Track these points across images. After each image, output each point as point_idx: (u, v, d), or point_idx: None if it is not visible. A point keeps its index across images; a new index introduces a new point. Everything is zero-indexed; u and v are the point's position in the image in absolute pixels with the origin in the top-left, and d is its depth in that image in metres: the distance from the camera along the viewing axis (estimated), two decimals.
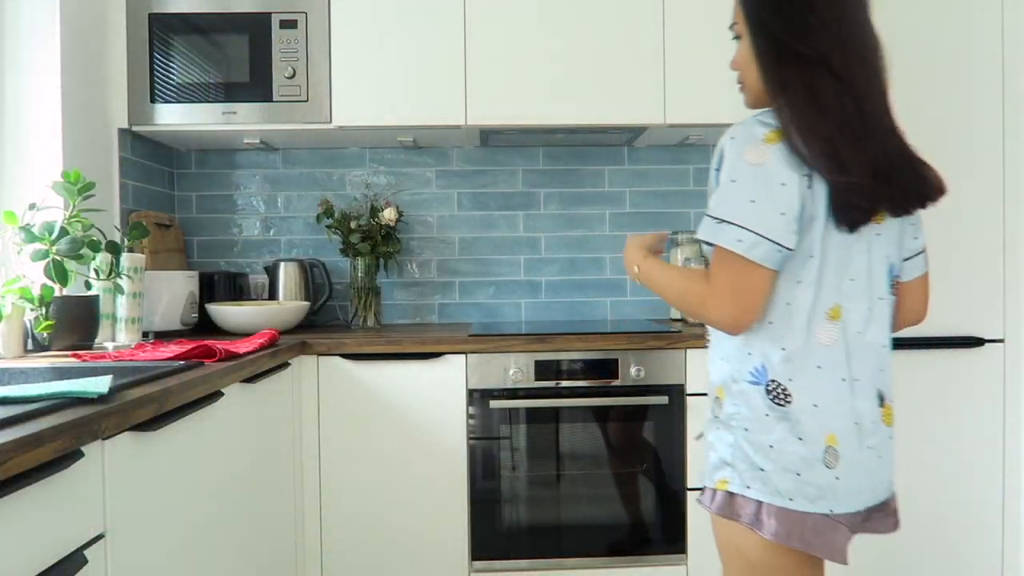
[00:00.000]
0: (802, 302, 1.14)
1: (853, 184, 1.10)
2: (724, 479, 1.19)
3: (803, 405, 1.14)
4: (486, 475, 2.16)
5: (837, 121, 1.12)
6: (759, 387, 1.17)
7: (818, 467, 1.14)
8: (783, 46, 1.15)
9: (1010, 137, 2.18)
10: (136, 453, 1.18)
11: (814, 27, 1.13)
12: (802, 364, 1.15)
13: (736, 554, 1.20)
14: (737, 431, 1.18)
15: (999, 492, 2.19)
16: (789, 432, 1.15)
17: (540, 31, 2.33)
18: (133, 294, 1.96)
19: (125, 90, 2.28)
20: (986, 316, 2.19)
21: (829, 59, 1.13)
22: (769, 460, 1.15)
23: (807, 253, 1.14)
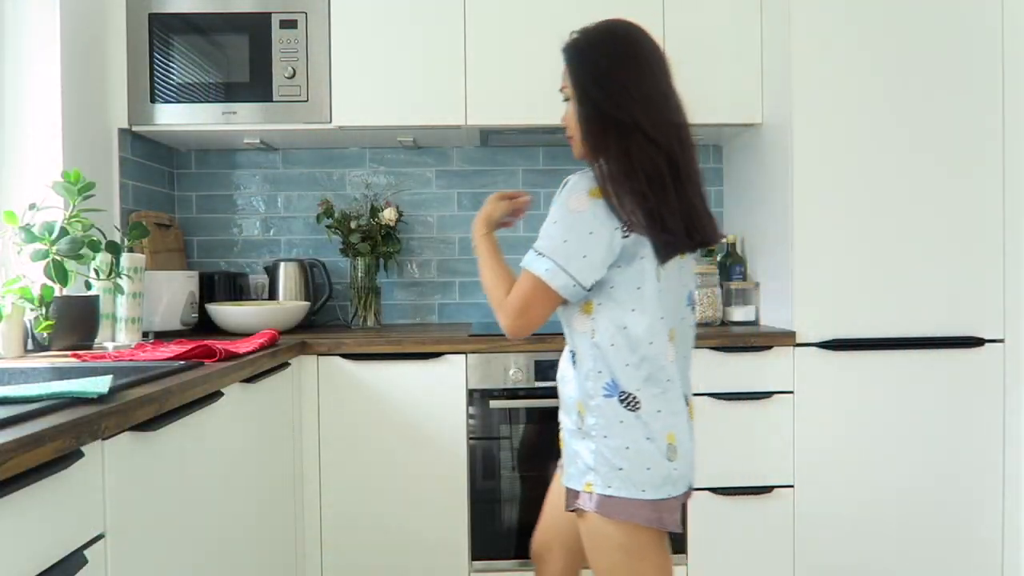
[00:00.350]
0: (638, 325, 1.33)
1: (668, 238, 1.31)
2: (589, 483, 1.35)
3: (650, 411, 1.34)
4: (486, 475, 2.16)
5: (651, 180, 1.31)
6: (612, 399, 1.34)
7: (663, 461, 1.34)
8: (603, 114, 1.36)
9: (1010, 137, 2.18)
10: (136, 453, 1.18)
11: (629, 97, 1.35)
12: (648, 376, 1.34)
13: (607, 541, 1.35)
14: (598, 439, 1.35)
15: (999, 492, 2.19)
16: (640, 434, 1.33)
17: (540, 31, 2.33)
18: (133, 294, 1.96)
19: (125, 90, 2.28)
20: (986, 316, 2.19)
21: (642, 125, 1.33)
22: (626, 460, 1.33)
23: (634, 285, 1.33)
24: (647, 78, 1.38)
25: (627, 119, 1.34)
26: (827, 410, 2.16)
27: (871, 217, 2.17)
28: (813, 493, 2.16)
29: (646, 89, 1.37)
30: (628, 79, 1.37)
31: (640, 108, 1.35)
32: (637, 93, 1.36)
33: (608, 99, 1.36)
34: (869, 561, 2.18)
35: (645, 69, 1.39)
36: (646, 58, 1.40)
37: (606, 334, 1.34)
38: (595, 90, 1.39)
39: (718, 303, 2.42)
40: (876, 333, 2.17)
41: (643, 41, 1.42)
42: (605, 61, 1.40)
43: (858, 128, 2.17)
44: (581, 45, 1.45)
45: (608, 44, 1.42)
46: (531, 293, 1.36)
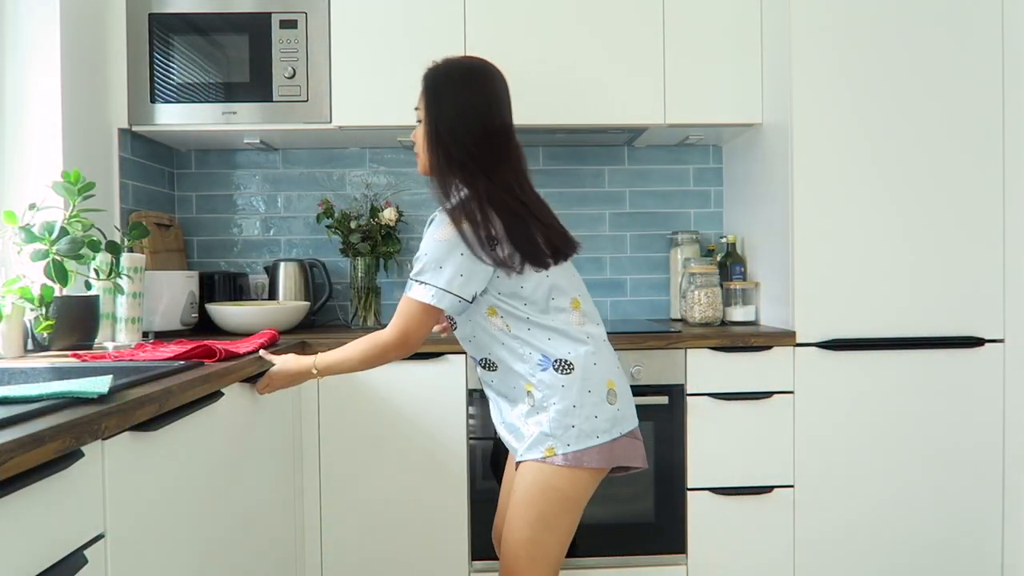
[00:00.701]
0: (532, 310, 1.53)
1: (537, 255, 1.53)
2: (550, 447, 1.50)
3: (586, 365, 1.52)
4: (486, 475, 2.16)
5: (505, 211, 1.51)
6: (548, 370, 1.52)
7: (605, 406, 1.53)
8: (452, 158, 1.55)
9: (1010, 136, 2.18)
10: (136, 453, 1.18)
11: (476, 142, 1.55)
12: (568, 341, 1.53)
13: (555, 493, 1.51)
14: (550, 409, 1.51)
15: (999, 492, 2.19)
16: (582, 388, 1.51)
17: (540, 31, 2.33)
18: (133, 294, 1.96)
19: (125, 90, 2.28)
20: (986, 316, 2.19)
21: (488, 169, 1.54)
22: (576, 416, 1.50)
23: (517, 285, 1.52)
24: (497, 130, 1.58)
25: (472, 165, 1.54)
26: (827, 410, 2.16)
27: (871, 217, 2.17)
28: (813, 493, 2.16)
29: (492, 130, 1.57)
30: (477, 125, 1.56)
31: (486, 152, 1.55)
32: (484, 136, 1.55)
33: (456, 143, 1.55)
34: (869, 561, 2.18)
35: (493, 102, 1.59)
36: (496, 94, 1.61)
37: (517, 324, 1.53)
38: (447, 134, 1.56)
39: (718, 303, 2.42)
40: (876, 333, 2.17)
41: (496, 77, 1.63)
42: (460, 94, 1.58)
43: (858, 128, 2.17)
44: (440, 75, 1.61)
45: (464, 77, 1.60)
46: (415, 318, 1.53)
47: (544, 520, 1.51)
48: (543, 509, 1.51)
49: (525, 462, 1.54)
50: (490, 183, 1.52)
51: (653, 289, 2.77)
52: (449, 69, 1.61)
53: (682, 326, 2.38)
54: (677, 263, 2.66)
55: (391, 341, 1.55)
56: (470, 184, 1.53)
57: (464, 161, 1.54)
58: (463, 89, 1.57)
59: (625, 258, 2.77)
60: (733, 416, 2.14)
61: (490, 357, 1.59)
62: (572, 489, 1.52)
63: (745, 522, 2.16)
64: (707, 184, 2.78)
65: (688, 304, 2.45)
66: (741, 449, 2.15)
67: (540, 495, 1.51)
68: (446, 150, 1.56)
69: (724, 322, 2.46)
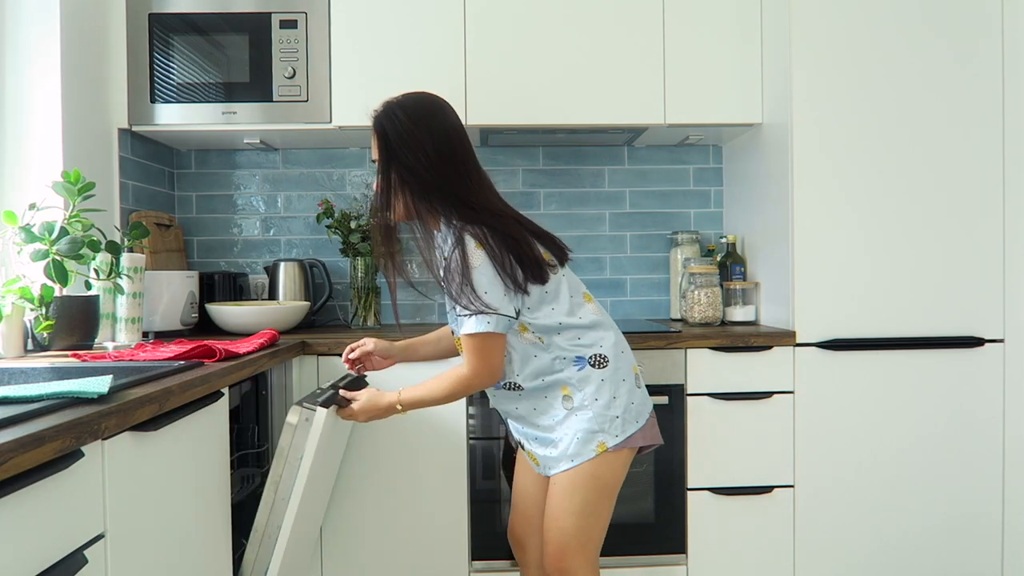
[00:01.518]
0: (560, 312, 1.57)
1: (542, 266, 1.56)
2: (601, 442, 1.56)
3: (616, 355, 1.59)
4: (486, 475, 2.16)
5: (500, 230, 1.53)
6: (585, 368, 1.57)
7: (637, 391, 1.62)
8: (426, 193, 1.56)
9: (1010, 136, 2.18)
10: (136, 453, 1.18)
11: (443, 172, 1.56)
12: (597, 332, 1.59)
13: (598, 481, 1.57)
14: (592, 405, 1.56)
15: (999, 492, 2.19)
16: (617, 379, 1.58)
17: (540, 31, 2.33)
18: (133, 294, 1.96)
19: (125, 90, 2.28)
20: (986, 316, 2.19)
21: (466, 196, 1.56)
22: (618, 407, 1.57)
23: (541, 291, 1.56)
24: (454, 138, 1.59)
25: (438, 182, 1.55)
26: (827, 410, 2.16)
27: (871, 217, 2.17)
28: (813, 493, 2.16)
29: (450, 150, 1.57)
30: (434, 143, 1.56)
31: (446, 168, 1.56)
32: (439, 156, 1.56)
33: (417, 166, 1.55)
34: (869, 561, 2.18)
35: (448, 130, 1.59)
36: (449, 121, 1.61)
37: (548, 333, 1.56)
38: (405, 157, 1.55)
39: (718, 303, 2.42)
40: (876, 333, 2.17)
41: (443, 106, 1.63)
42: (415, 131, 1.56)
43: (858, 128, 2.17)
44: (389, 117, 1.59)
45: (414, 114, 1.58)
46: (484, 348, 1.53)
47: (587, 507, 1.57)
48: (585, 497, 1.57)
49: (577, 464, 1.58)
50: (472, 210, 1.53)
51: (653, 289, 2.77)
52: (395, 109, 1.59)
53: (682, 326, 2.38)
54: (677, 263, 2.66)
55: (472, 376, 1.56)
56: (456, 212, 1.53)
57: (438, 194, 1.54)
58: (415, 125, 1.56)
59: (625, 258, 2.77)
60: (733, 416, 2.14)
61: (517, 379, 1.60)
62: (611, 475, 1.58)
63: (745, 522, 2.16)
64: (707, 184, 2.78)
65: (688, 304, 2.45)
66: (741, 449, 2.15)
67: (581, 485, 1.56)
68: (417, 188, 1.55)
69: (724, 322, 2.46)
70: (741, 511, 2.16)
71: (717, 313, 2.42)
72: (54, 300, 1.79)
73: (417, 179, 1.54)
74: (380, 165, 1.59)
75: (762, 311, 2.43)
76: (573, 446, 1.56)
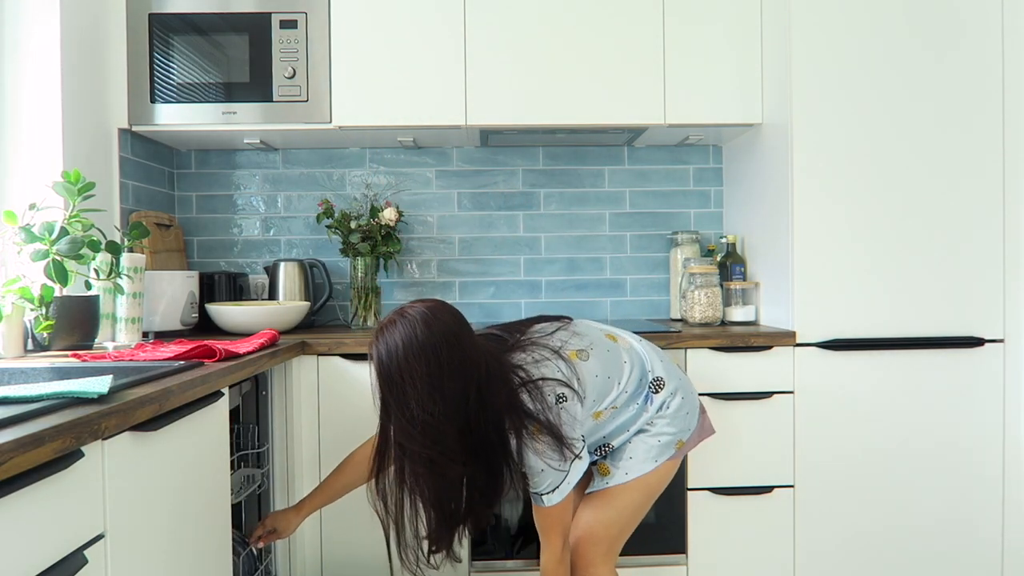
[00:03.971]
0: (610, 372, 1.62)
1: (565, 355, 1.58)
2: (681, 440, 1.66)
3: (665, 368, 1.70)
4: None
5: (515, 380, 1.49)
6: (652, 399, 1.66)
7: (693, 388, 1.74)
8: (454, 442, 1.44)
9: (1010, 136, 2.18)
10: (136, 453, 1.18)
11: (458, 424, 1.44)
12: (640, 362, 1.66)
13: (645, 488, 1.65)
14: (670, 414, 1.66)
15: (999, 492, 2.19)
16: (675, 380, 1.69)
17: (540, 31, 2.33)
18: (133, 294, 1.96)
19: (125, 90, 2.28)
20: (986, 316, 2.19)
21: (484, 400, 1.46)
22: (686, 407, 1.68)
23: (591, 376, 1.58)
24: (468, 372, 1.44)
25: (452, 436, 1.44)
26: (827, 410, 2.16)
27: (871, 217, 2.17)
28: (813, 493, 2.16)
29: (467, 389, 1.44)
30: (450, 402, 1.42)
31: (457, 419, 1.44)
32: (456, 410, 1.42)
33: (431, 425, 1.41)
34: (869, 561, 2.18)
35: (462, 375, 1.43)
36: (462, 337, 1.45)
37: (619, 397, 1.62)
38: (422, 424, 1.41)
39: (718, 303, 2.42)
40: (876, 333, 2.17)
41: (449, 338, 1.44)
42: (425, 396, 1.40)
43: (858, 128, 2.17)
44: (397, 377, 1.41)
45: (426, 373, 1.40)
46: (563, 511, 1.55)
47: (631, 509, 1.65)
48: (633, 499, 1.65)
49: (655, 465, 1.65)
50: (496, 395, 1.44)
51: (653, 289, 2.77)
52: (404, 356, 1.40)
53: (682, 326, 2.38)
54: (677, 263, 2.66)
55: (553, 556, 1.58)
56: (490, 409, 1.44)
57: (467, 429, 1.43)
58: (429, 385, 1.39)
59: (625, 258, 2.77)
60: (733, 416, 2.14)
61: (604, 440, 1.67)
62: (660, 483, 1.67)
63: (745, 522, 2.16)
64: (707, 184, 2.78)
65: (688, 304, 2.45)
66: (741, 449, 2.15)
67: (632, 489, 1.64)
68: (447, 446, 1.42)
69: (724, 322, 2.46)
70: (741, 511, 2.16)
71: (717, 313, 2.42)
72: (54, 300, 1.79)
73: (431, 441, 1.41)
74: (383, 416, 1.47)
75: (762, 311, 2.43)
76: (655, 449, 1.64)
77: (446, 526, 1.49)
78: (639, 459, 1.64)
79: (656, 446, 1.64)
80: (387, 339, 1.41)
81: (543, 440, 1.45)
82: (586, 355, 1.58)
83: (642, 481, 1.64)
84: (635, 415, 1.65)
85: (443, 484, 1.45)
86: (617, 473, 1.65)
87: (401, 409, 1.40)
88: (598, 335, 1.66)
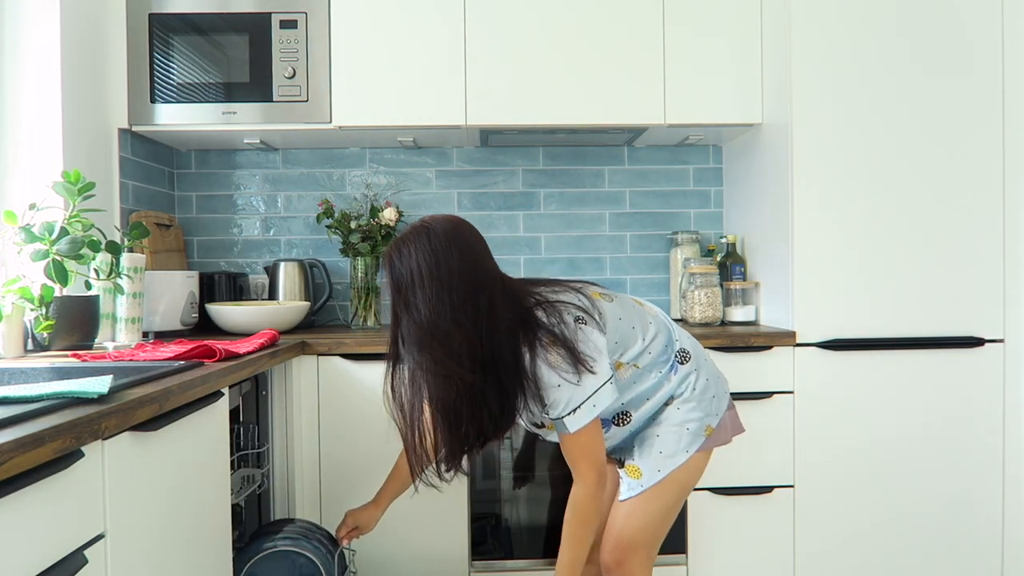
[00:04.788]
0: (640, 331, 1.56)
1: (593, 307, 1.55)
2: (708, 426, 1.59)
3: (692, 343, 1.64)
4: (486, 475, 2.16)
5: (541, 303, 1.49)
6: (677, 368, 1.59)
7: (714, 367, 1.66)
8: (468, 345, 1.41)
9: (1010, 137, 2.18)
10: (136, 453, 1.18)
11: (476, 316, 1.42)
12: (668, 331, 1.62)
13: (677, 486, 1.57)
14: (693, 396, 1.58)
15: (999, 492, 2.19)
16: (701, 363, 1.62)
17: (540, 31, 2.33)
18: (133, 294, 1.96)
19: (125, 90, 2.28)
20: (986, 316, 2.18)
21: (500, 313, 1.44)
22: (713, 387, 1.61)
23: (616, 318, 1.54)
24: (480, 273, 1.45)
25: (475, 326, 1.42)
26: (827, 410, 2.16)
27: (871, 217, 2.17)
28: (813, 493, 2.16)
29: (479, 289, 1.43)
30: (460, 295, 1.41)
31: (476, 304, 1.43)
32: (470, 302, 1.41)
33: (443, 319, 1.40)
34: (869, 561, 2.18)
35: (475, 269, 1.44)
36: (472, 251, 1.45)
37: (642, 355, 1.55)
38: (431, 317, 1.41)
39: (718, 303, 2.42)
40: (876, 333, 2.17)
41: (460, 234, 1.46)
42: (436, 288, 1.41)
43: (858, 128, 2.17)
44: (408, 271, 1.43)
45: (437, 265, 1.42)
46: (594, 437, 1.48)
47: (664, 510, 1.59)
48: (666, 500, 1.58)
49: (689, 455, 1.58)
50: (519, 319, 1.42)
51: (653, 289, 2.77)
52: (413, 258, 1.41)
53: (682, 326, 2.38)
54: (677, 263, 2.66)
55: (587, 491, 1.50)
56: (503, 321, 1.42)
57: (474, 337, 1.39)
58: (437, 284, 1.39)
59: (625, 258, 2.77)
60: None
61: (623, 407, 1.57)
62: (692, 479, 1.59)
63: (745, 522, 2.16)
64: (707, 184, 2.78)
65: (688, 304, 2.45)
66: (741, 449, 2.15)
67: (663, 490, 1.57)
68: (451, 348, 1.39)
69: (724, 322, 2.46)
70: (741, 511, 2.16)
71: (717, 313, 2.42)
72: (54, 300, 1.79)
73: (442, 335, 1.40)
74: (394, 307, 1.47)
75: (762, 311, 2.43)
76: (685, 438, 1.56)
77: (456, 442, 1.46)
78: (669, 451, 1.55)
79: (686, 435, 1.56)
80: (400, 244, 1.44)
81: (556, 352, 1.39)
82: (610, 299, 1.55)
83: (674, 479, 1.55)
84: (657, 383, 1.56)
85: (451, 392, 1.41)
86: (648, 472, 1.56)
87: (410, 311, 1.40)
88: (624, 296, 1.63)
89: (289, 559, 1.72)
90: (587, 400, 1.42)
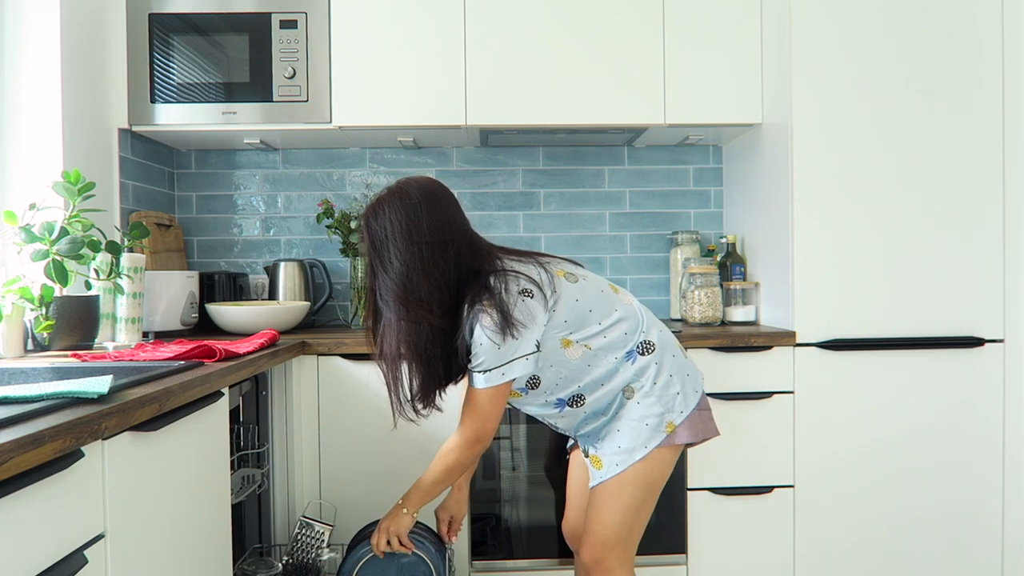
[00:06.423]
0: (598, 314, 1.57)
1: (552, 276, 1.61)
2: (670, 422, 1.57)
3: (660, 337, 1.62)
4: (486, 475, 2.16)
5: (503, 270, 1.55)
6: (636, 359, 1.58)
7: (686, 362, 1.64)
8: (435, 296, 1.53)
9: (1010, 136, 2.18)
10: (136, 453, 1.18)
11: (444, 269, 1.53)
12: (633, 320, 1.60)
13: (644, 480, 1.58)
14: (653, 391, 1.57)
15: (999, 492, 2.19)
16: (668, 355, 1.61)
17: (540, 31, 2.33)
18: (133, 294, 1.96)
19: (125, 90, 2.28)
20: (986, 316, 2.19)
21: (467, 270, 1.54)
22: (677, 383, 1.59)
23: (572, 299, 1.57)
24: (447, 230, 1.55)
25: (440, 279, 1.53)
26: (827, 410, 2.16)
27: (871, 217, 2.17)
28: (813, 493, 2.16)
29: (449, 243, 1.54)
30: (432, 250, 1.53)
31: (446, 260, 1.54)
32: (440, 255, 1.53)
33: (411, 274, 1.53)
34: (869, 561, 2.18)
35: (442, 226, 1.54)
36: (444, 210, 1.55)
37: (595, 338, 1.56)
38: (402, 271, 1.53)
39: (718, 303, 2.42)
40: (876, 333, 2.17)
41: (432, 195, 1.56)
42: (406, 244, 1.53)
43: (858, 128, 2.17)
44: (381, 228, 1.56)
45: (407, 224, 1.53)
46: (490, 405, 1.54)
47: (634, 504, 1.59)
48: (633, 495, 1.59)
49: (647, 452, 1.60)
50: (477, 274, 1.52)
51: (653, 289, 2.77)
52: (387, 216, 1.54)
53: (682, 326, 2.38)
54: (677, 263, 2.66)
55: (467, 442, 1.58)
56: (465, 286, 1.52)
57: (443, 286, 1.51)
58: (408, 239, 1.51)
59: (625, 258, 2.77)
60: (733, 416, 2.14)
61: (578, 390, 1.60)
62: (659, 473, 1.60)
63: (745, 522, 2.16)
64: (707, 184, 2.78)
65: (688, 304, 2.45)
66: (741, 449, 2.15)
67: (630, 482, 1.58)
68: (420, 297, 1.51)
69: (724, 322, 2.46)
70: (741, 511, 2.16)
71: (717, 313, 2.42)
72: (54, 300, 1.79)
73: (413, 290, 1.52)
74: (369, 264, 1.62)
75: (762, 311, 2.43)
76: (644, 433, 1.57)
77: (429, 380, 1.58)
78: (627, 447, 1.58)
79: (644, 430, 1.57)
80: (376, 205, 1.56)
81: (491, 315, 1.47)
82: (574, 279, 1.59)
83: (639, 472, 1.57)
84: (613, 369, 1.58)
85: (423, 336, 1.52)
86: (608, 464, 1.60)
87: (385, 266, 1.54)
88: (598, 279, 1.65)
89: (397, 561, 1.73)
90: (501, 365, 1.49)
